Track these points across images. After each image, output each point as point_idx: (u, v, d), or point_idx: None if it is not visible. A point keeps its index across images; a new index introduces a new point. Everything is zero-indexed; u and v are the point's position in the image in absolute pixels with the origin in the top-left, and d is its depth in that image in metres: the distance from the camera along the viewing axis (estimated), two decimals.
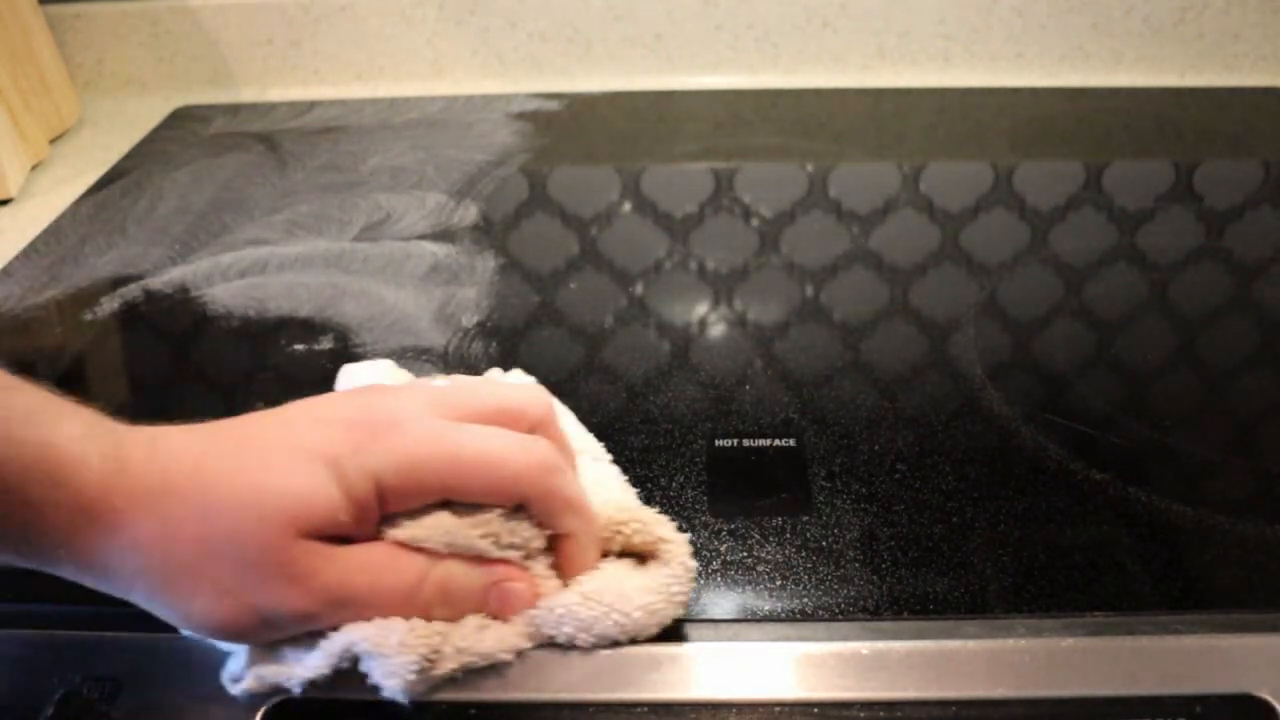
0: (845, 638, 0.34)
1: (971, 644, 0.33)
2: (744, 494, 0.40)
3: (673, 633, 0.34)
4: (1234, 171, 0.66)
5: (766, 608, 0.35)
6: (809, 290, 0.54)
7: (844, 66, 0.80)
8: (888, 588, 0.36)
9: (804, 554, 0.37)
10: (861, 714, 0.33)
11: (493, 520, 0.31)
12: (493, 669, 0.33)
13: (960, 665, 0.33)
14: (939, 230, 0.59)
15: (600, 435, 0.42)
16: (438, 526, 0.31)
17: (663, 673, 0.33)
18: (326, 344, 0.50)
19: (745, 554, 0.37)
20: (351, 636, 0.31)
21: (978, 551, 0.37)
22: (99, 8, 0.79)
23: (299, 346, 0.50)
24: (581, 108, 0.77)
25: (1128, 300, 0.52)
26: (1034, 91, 0.78)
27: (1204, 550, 0.37)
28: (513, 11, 0.79)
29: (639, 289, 0.54)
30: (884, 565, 0.37)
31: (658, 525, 0.34)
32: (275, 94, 0.80)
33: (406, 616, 0.31)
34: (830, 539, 0.38)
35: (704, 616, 0.35)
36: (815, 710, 0.33)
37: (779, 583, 0.36)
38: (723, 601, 0.36)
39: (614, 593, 0.32)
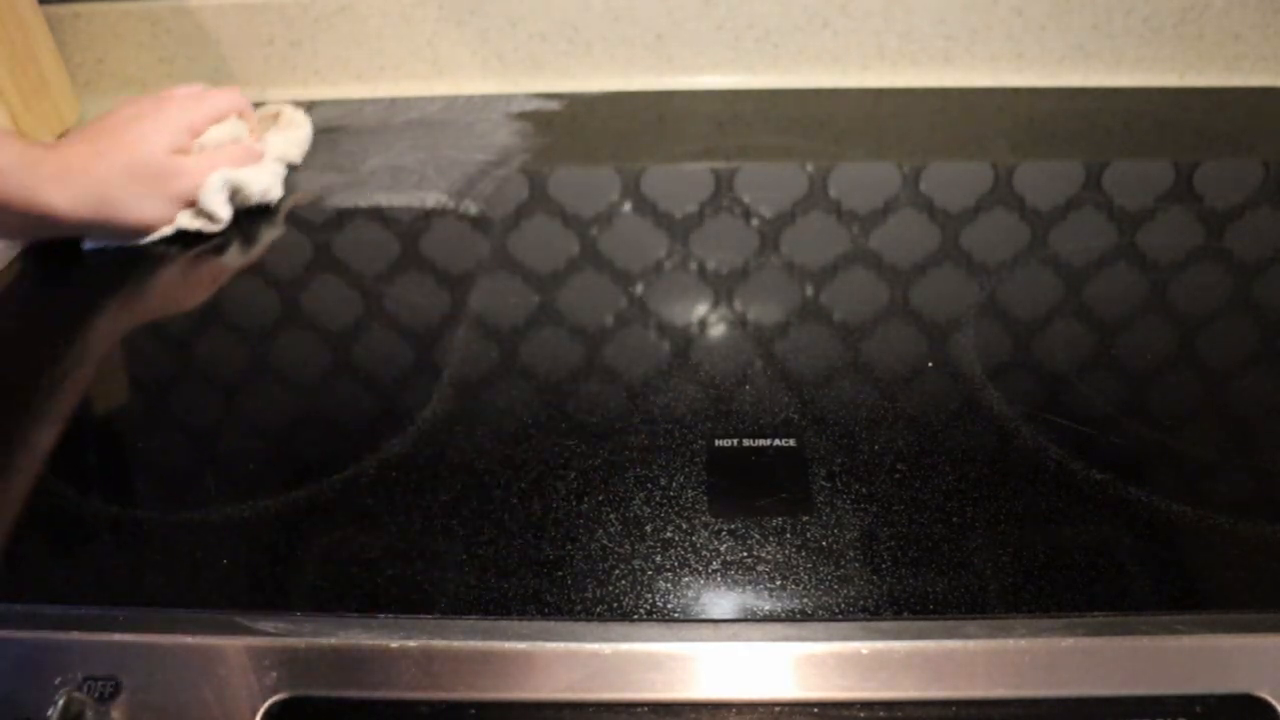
0: (845, 638, 0.34)
1: (971, 644, 0.33)
2: (744, 494, 0.40)
3: (673, 633, 0.34)
4: (1234, 171, 0.66)
5: (766, 608, 0.35)
6: (809, 290, 0.54)
7: (844, 66, 0.80)
8: (888, 588, 0.36)
9: (804, 554, 0.37)
10: (861, 714, 0.33)
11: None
12: (493, 669, 0.33)
13: (960, 665, 0.33)
14: (939, 230, 0.59)
15: (600, 435, 0.43)
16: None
17: (663, 673, 0.33)
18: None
19: (745, 554, 0.37)
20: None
21: (978, 551, 0.37)
22: (99, 8, 0.79)
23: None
24: (581, 108, 0.77)
25: (1128, 300, 0.52)
26: (1034, 91, 0.78)
27: (1204, 550, 0.37)
28: (513, 11, 0.79)
29: (639, 289, 0.54)
30: (884, 565, 0.37)
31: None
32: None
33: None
34: (830, 539, 0.38)
35: (704, 616, 0.35)
36: (815, 710, 0.33)
37: (779, 583, 0.36)
38: (723, 601, 0.36)
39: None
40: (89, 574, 0.37)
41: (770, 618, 0.35)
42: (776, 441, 0.42)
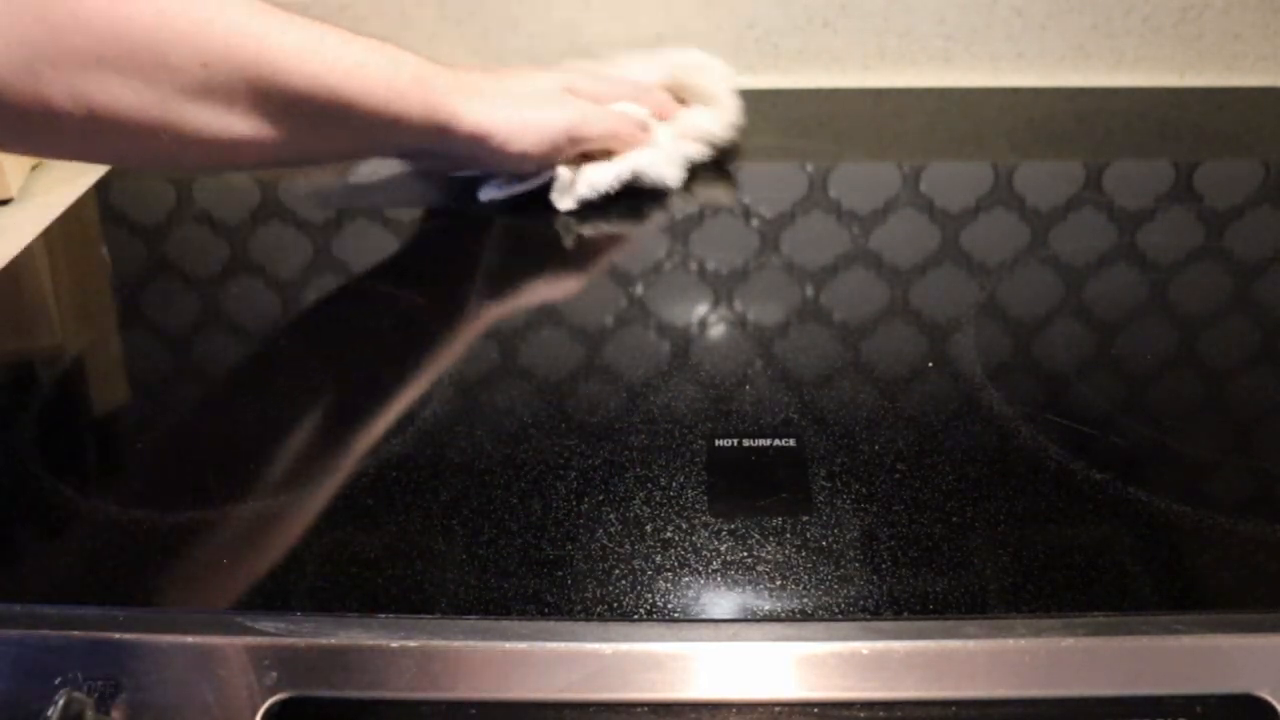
0: (845, 638, 0.34)
1: (971, 644, 0.33)
2: (744, 494, 0.40)
3: (673, 633, 0.34)
4: (1234, 171, 0.66)
5: (766, 608, 0.35)
6: (809, 290, 0.54)
7: (844, 66, 0.80)
8: (888, 588, 0.36)
9: (804, 554, 0.37)
10: (861, 714, 0.33)
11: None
12: (493, 669, 0.33)
13: (960, 665, 0.33)
14: (939, 230, 0.59)
15: (600, 435, 0.42)
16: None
17: (663, 673, 0.33)
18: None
19: (745, 554, 0.37)
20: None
21: (978, 551, 0.37)
22: None
23: None
24: None
25: (1128, 300, 0.52)
26: (1034, 91, 0.78)
27: (1204, 550, 0.37)
28: (513, 11, 0.79)
29: (639, 289, 0.54)
30: (884, 565, 0.37)
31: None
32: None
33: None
34: (830, 539, 0.38)
35: (704, 616, 0.35)
36: (815, 710, 0.33)
37: (779, 583, 0.36)
38: (723, 601, 0.36)
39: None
40: (89, 574, 0.37)
41: (770, 618, 0.35)
42: (776, 441, 0.42)
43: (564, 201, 0.59)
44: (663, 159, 0.61)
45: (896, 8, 0.78)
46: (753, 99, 0.77)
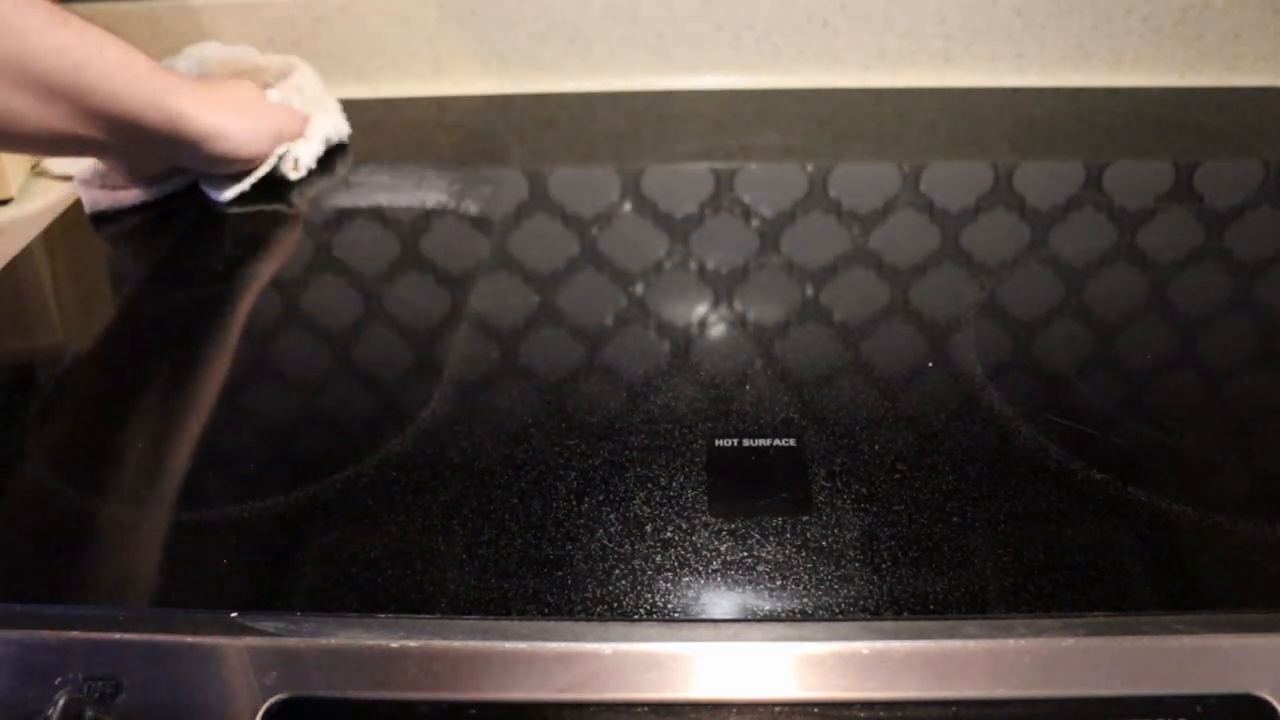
0: (845, 638, 0.34)
1: (971, 644, 0.33)
2: (744, 494, 0.40)
3: (673, 633, 0.34)
4: (1234, 171, 0.66)
5: (766, 608, 0.35)
6: (809, 290, 0.54)
7: (844, 66, 0.80)
8: (888, 588, 0.36)
9: (804, 554, 0.37)
10: (861, 714, 0.33)
11: None
12: (493, 669, 0.33)
13: (960, 665, 0.33)
14: (939, 230, 0.59)
15: (600, 435, 0.42)
16: None
17: (663, 673, 0.33)
18: None
19: (745, 554, 0.37)
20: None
21: (978, 551, 0.37)
22: (99, 8, 0.79)
23: None
24: (581, 108, 0.77)
25: (1128, 300, 0.52)
26: (1034, 91, 0.78)
27: (1204, 550, 0.37)
28: (513, 11, 0.79)
29: (639, 289, 0.54)
30: (884, 565, 0.37)
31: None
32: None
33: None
34: (830, 539, 0.38)
35: (704, 616, 0.35)
36: (815, 710, 0.33)
37: (779, 583, 0.36)
38: (723, 601, 0.36)
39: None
40: (89, 574, 0.37)
41: (770, 618, 0.35)
42: (776, 441, 0.42)
43: (295, 174, 0.66)
44: (330, 119, 0.69)
45: (896, 8, 0.78)
46: (753, 99, 0.77)
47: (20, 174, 0.68)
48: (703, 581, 0.36)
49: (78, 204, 0.65)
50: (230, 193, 0.63)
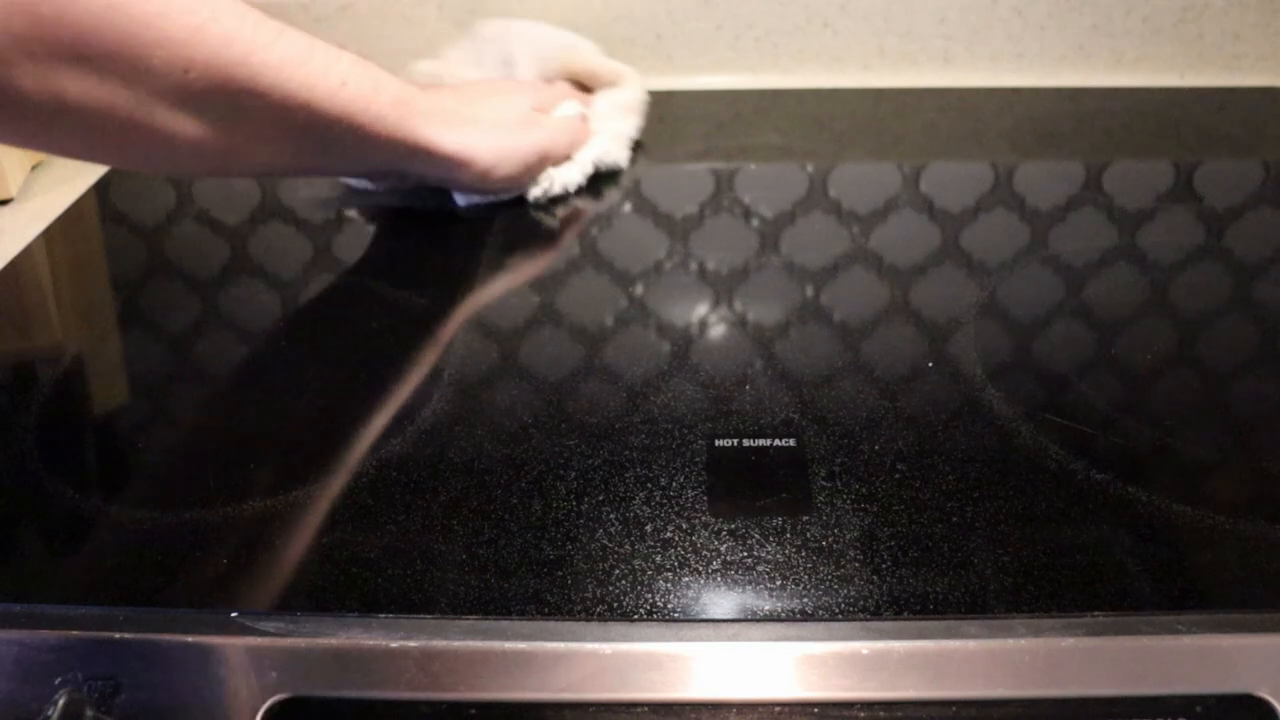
0: (845, 638, 0.34)
1: (971, 644, 0.33)
2: (744, 494, 0.40)
3: (673, 633, 0.34)
4: (1234, 171, 0.66)
5: (766, 608, 0.35)
6: (809, 290, 0.54)
7: (844, 66, 0.80)
8: (888, 588, 0.36)
9: (804, 554, 0.37)
10: (861, 714, 0.33)
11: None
12: (493, 669, 0.33)
13: (960, 665, 0.33)
14: (939, 230, 0.59)
15: (600, 435, 0.42)
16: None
17: (663, 673, 0.33)
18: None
19: (745, 554, 0.37)
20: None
21: (978, 551, 0.37)
22: None
23: None
24: None
25: (1128, 300, 0.52)
26: (1034, 91, 0.78)
27: (1204, 550, 0.37)
28: (512, 12, 0.79)
29: (639, 289, 0.54)
30: (884, 565, 0.37)
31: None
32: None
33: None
34: (830, 539, 0.38)
35: (704, 616, 0.35)
36: (815, 710, 0.33)
37: (779, 583, 0.36)
38: (723, 601, 0.36)
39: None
40: (89, 574, 0.37)
41: (770, 618, 0.35)
42: (776, 441, 0.42)
43: (536, 193, 0.62)
44: (610, 144, 0.65)
45: (896, 8, 0.78)
46: (753, 99, 0.77)
47: (20, 174, 0.68)
48: (703, 581, 0.36)
49: (78, 204, 0.65)
50: (464, 200, 0.61)
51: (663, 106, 0.77)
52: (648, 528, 0.38)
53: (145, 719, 0.33)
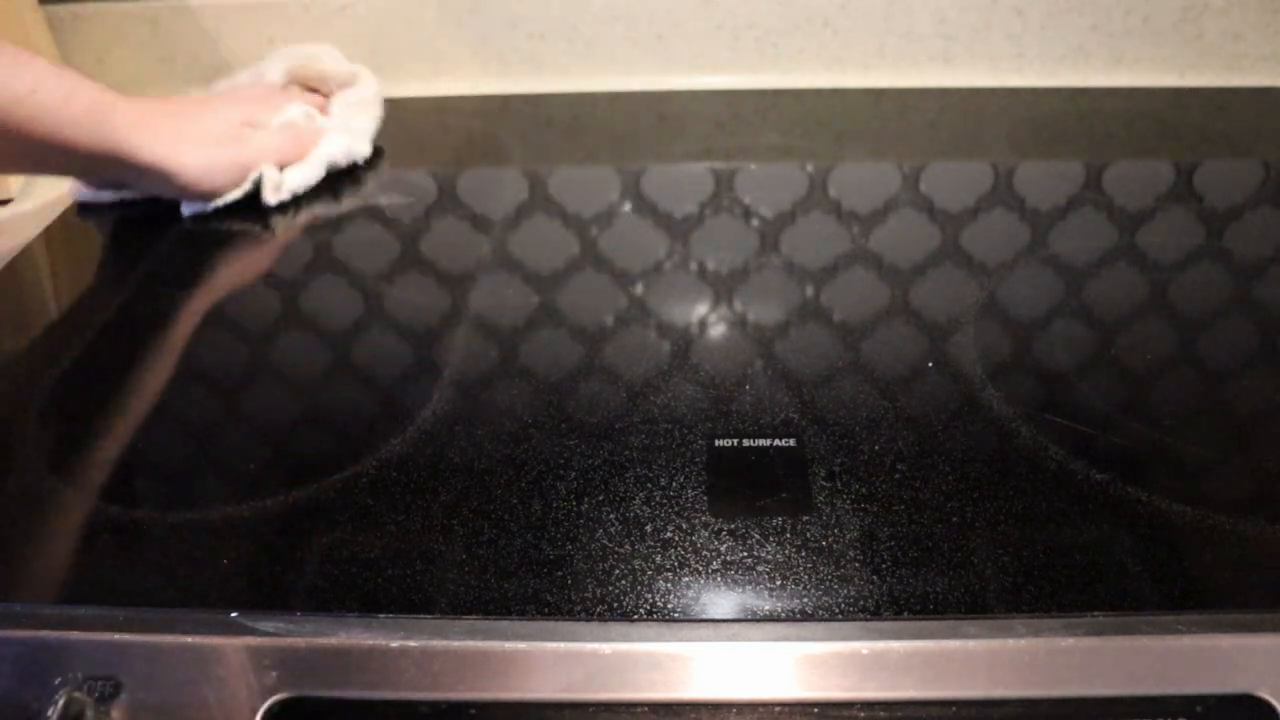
0: (845, 638, 0.34)
1: (971, 644, 0.33)
2: (744, 494, 0.40)
3: (673, 633, 0.34)
4: (1234, 171, 0.66)
5: (766, 608, 0.35)
6: (809, 290, 0.54)
7: (844, 66, 0.80)
8: (888, 588, 0.36)
9: (804, 554, 0.37)
10: (861, 714, 0.33)
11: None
12: (493, 669, 0.33)
13: (960, 665, 0.33)
14: (939, 230, 0.59)
15: (600, 435, 0.42)
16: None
17: (663, 673, 0.33)
18: None
19: (745, 554, 0.37)
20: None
21: (978, 551, 0.37)
22: (99, 8, 0.79)
23: None
24: (582, 108, 0.77)
25: (1128, 300, 0.52)
26: (1034, 91, 0.78)
27: (1204, 550, 0.37)
28: (513, 11, 0.79)
29: (639, 289, 0.54)
30: (884, 565, 0.37)
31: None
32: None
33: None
34: (830, 539, 0.38)
35: (704, 616, 0.35)
36: (815, 710, 0.33)
37: (779, 583, 0.36)
38: (723, 601, 0.36)
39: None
40: (89, 574, 0.37)
41: (770, 618, 0.35)
42: (776, 441, 0.42)
43: (273, 198, 0.62)
44: (347, 140, 0.67)
45: (896, 8, 0.78)
46: (753, 99, 0.77)
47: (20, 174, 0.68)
48: (703, 581, 0.36)
49: (78, 204, 0.65)
50: (190, 209, 0.61)
51: (663, 106, 0.77)
52: (648, 528, 0.38)
53: (145, 719, 0.33)
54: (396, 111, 0.74)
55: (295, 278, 0.57)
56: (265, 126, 0.64)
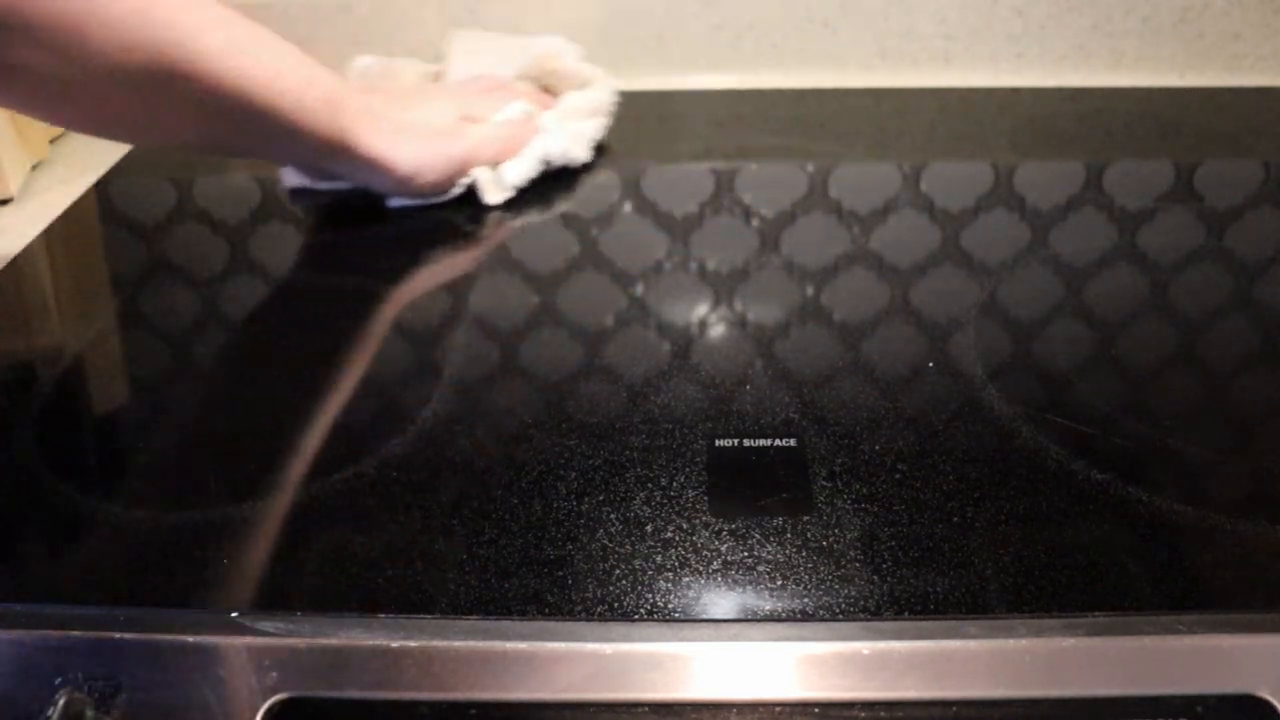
0: (845, 638, 0.34)
1: (971, 644, 0.33)
2: (744, 494, 0.40)
3: (673, 633, 0.34)
4: (1234, 171, 0.66)
5: (766, 608, 0.35)
6: (809, 290, 0.54)
7: (844, 66, 0.80)
8: (888, 588, 0.36)
9: (804, 554, 0.37)
10: (861, 714, 0.33)
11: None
12: (493, 669, 0.33)
13: (960, 665, 0.33)
14: (939, 230, 0.59)
15: (600, 435, 0.42)
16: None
17: (663, 673, 0.33)
18: None
19: (745, 554, 0.37)
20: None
21: (978, 551, 0.37)
22: None
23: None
24: None
25: (1128, 300, 0.53)
26: (1034, 91, 0.78)
27: (1204, 550, 0.37)
28: (512, 12, 0.79)
29: (639, 289, 0.54)
30: (884, 565, 0.37)
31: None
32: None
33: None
34: (830, 539, 0.38)
35: (704, 616, 0.35)
36: (815, 710, 0.33)
37: (779, 583, 0.36)
38: (723, 601, 0.36)
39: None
40: (89, 574, 0.37)
41: (771, 618, 0.35)
42: (777, 441, 0.42)
43: (494, 197, 0.61)
44: (565, 140, 0.64)
45: (896, 8, 0.78)
46: (753, 99, 0.77)
47: (20, 174, 0.68)
48: (703, 581, 0.36)
49: (78, 204, 0.65)
50: (396, 202, 0.60)
51: (663, 106, 0.77)
52: (648, 528, 0.38)
53: (145, 719, 0.33)
54: None
55: (294, 277, 0.57)
56: (483, 121, 0.62)
